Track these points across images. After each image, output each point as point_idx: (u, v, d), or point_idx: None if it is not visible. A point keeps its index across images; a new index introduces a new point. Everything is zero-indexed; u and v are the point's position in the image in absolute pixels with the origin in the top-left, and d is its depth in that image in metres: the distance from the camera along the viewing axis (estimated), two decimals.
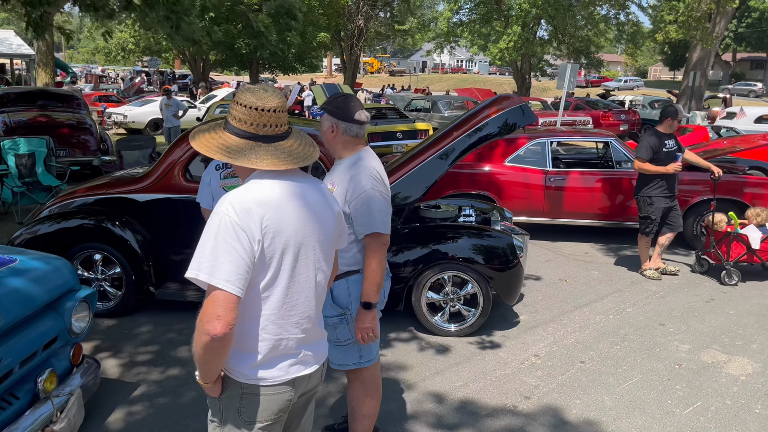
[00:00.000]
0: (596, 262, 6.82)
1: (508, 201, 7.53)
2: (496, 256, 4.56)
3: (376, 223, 2.60)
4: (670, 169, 5.89)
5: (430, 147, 4.89)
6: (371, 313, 2.67)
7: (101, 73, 52.24)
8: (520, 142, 7.66)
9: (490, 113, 4.83)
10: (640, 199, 6.10)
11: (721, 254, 6.13)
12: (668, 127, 6.06)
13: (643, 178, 6.06)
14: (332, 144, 2.74)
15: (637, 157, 6.01)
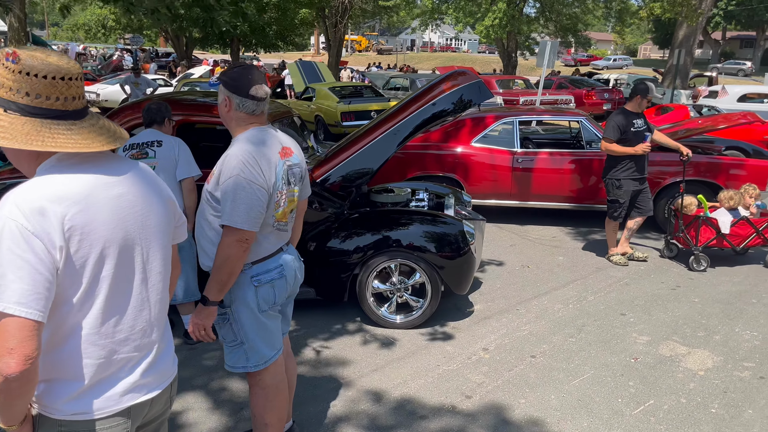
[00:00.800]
0: (563, 247, 6.56)
1: (475, 183, 7.24)
2: (445, 244, 4.28)
3: (235, 215, 2.28)
4: (639, 150, 5.61)
5: (380, 125, 4.59)
6: (207, 310, 2.39)
7: (82, 50, 51.23)
8: (487, 121, 7.35)
9: (444, 89, 4.53)
10: (608, 182, 5.83)
11: (689, 239, 5.88)
12: (637, 105, 5.76)
13: (611, 159, 5.78)
14: (226, 120, 2.45)
15: (604, 137, 5.73)
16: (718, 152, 7.60)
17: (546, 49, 13.44)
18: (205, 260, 2.47)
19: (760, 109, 14.41)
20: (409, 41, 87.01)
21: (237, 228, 2.30)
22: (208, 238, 2.42)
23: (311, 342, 4.21)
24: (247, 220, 2.30)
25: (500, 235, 6.99)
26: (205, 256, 2.46)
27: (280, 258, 2.55)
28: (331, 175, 4.47)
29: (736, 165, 6.79)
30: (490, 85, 18.21)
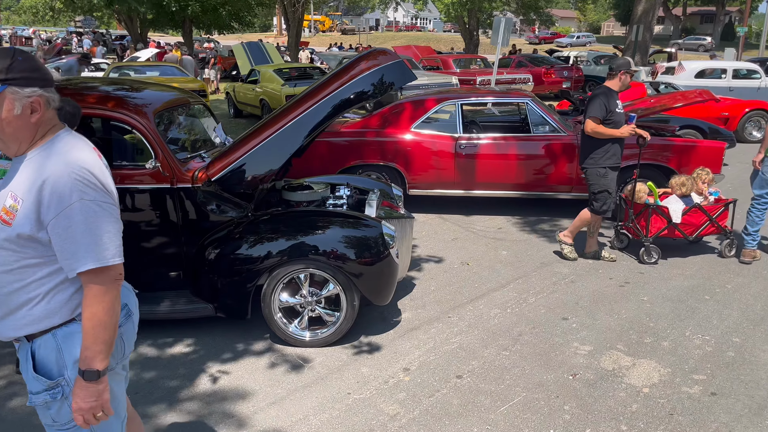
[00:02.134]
0: (508, 240, 6.09)
1: (417, 172, 6.72)
2: (361, 249, 3.74)
3: (96, 251, 1.71)
4: (626, 133, 5.01)
5: (288, 113, 4.01)
6: (96, 386, 1.77)
7: (32, 35, 49.09)
8: (427, 105, 6.81)
9: (363, 69, 3.98)
10: (592, 171, 5.14)
11: (639, 229, 5.46)
12: (620, 83, 5.13)
13: (593, 144, 5.08)
14: (21, 130, 1.78)
15: (590, 116, 4.99)
16: (672, 133, 7.20)
17: (500, 25, 12.91)
18: (24, 327, 1.85)
19: (718, 84, 14.17)
20: (373, 21, 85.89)
21: (107, 265, 1.74)
22: (32, 296, 1.81)
23: (208, 367, 3.65)
24: (117, 250, 1.77)
25: (443, 228, 6.49)
26: (23, 321, 1.84)
27: (121, 293, 1.93)
28: (227, 174, 3.88)
29: (689, 147, 6.39)
30: (447, 64, 17.67)
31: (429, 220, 6.78)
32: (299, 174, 6.71)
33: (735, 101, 12.01)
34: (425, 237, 6.20)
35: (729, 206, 5.47)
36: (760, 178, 5.34)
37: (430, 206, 7.22)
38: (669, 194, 5.61)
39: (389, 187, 5.03)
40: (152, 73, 11.70)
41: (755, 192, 5.41)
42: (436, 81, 14.08)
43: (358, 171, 6.82)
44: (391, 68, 4.04)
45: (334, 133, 6.88)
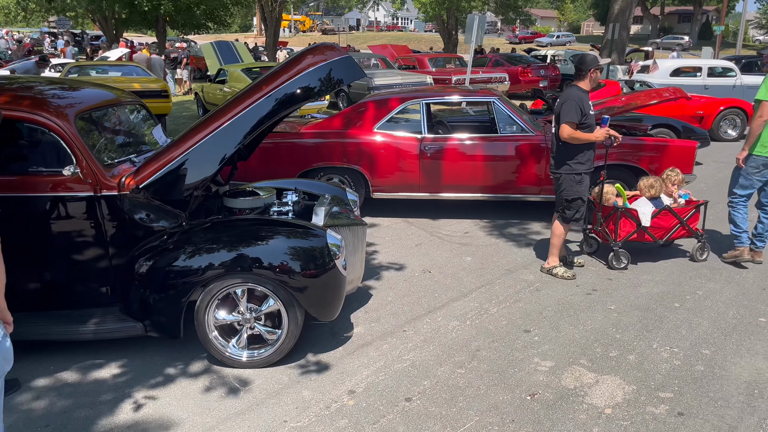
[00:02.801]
0: (474, 245, 5.83)
1: (381, 175, 6.44)
2: (303, 261, 3.45)
3: None
4: (600, 137, 4.67)
5: (226, 111, 3.71)
6: None
7: (4, 35, 48.09)
8: (391, 104, 6.52)
9: (309, 64, 3.70)
10: (566, 178, 4.79)
11: (608, 233, 5.23)
12: (591, 81, 4.76)
13: (568, 149, 4.73)
14: None
15: (567, 121, 4.61)
16: (644, 132, 7.00)
17: (474, 24, 12.67)
18: None
19: (693, 83, 14.07)
20: (354, 21, 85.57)
21: None
22: None
23: (134, 392, 3.33)
24: None
25: (407, 233, 6.21)
26: None
27: None
28: (157, 180, 3.57)
29: (660, 147, 6.18)
30: (422, 63, 17.42)
31: (394, 225, 6.51)
32: (257, 177, 6.41)
33: (710, 99, 11.89)
34: (388, 242, 5.92)
35: (700, 208, 5.25)
36: (742, 177, 5.11)
37: (396, 210, 6.94)
38: (638, 197, 5.39)
39: (343, 191, 4.74)
40: (114, 73, 11.30)
41: (737, 192, 5.17)
42: (409, 80, 13.84)
43: (320, 174, 6.54)
44: (339, 64, 3.78)
45: (294, 134, 6.58)
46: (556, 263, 5.06)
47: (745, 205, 5.23)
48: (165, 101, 10.02)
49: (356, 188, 6.53)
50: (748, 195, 5.19)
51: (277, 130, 6.75)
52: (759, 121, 4.91)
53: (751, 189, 5.15)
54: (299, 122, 7.11)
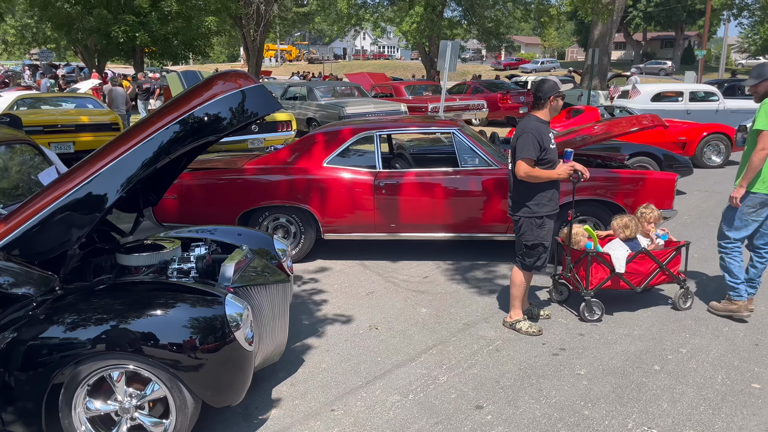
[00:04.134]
0: (432, 293, 5.20)
1: (333, 214, 5.82)
2: (192, 334, 2.80)
3: None
4: (564, 174, 4.10)
5: (111, 150, 3.10)
6: None
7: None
8: (342, 136, 5.94)
9: (213, 95, 3.12)
10: (526, 222, 4.18)
11: (579, 280, 4.62)
12: (553, 109, 4.16)
13: (527, 189, 4.13)
14: None
15: (523, 157, 4.00)
16: (620, 163, 6.44)
17: (447, 51, 12.25)
18: None
19: (675, 108, 13.67)
20: (340, 50, 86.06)
21: None
22: None
23: None
24: None
25: (361, 279, 5.58)
26: None
27: None
28: (19, 238, 2.94)
29: (637, 179, 5.61)
30: (399, 91, 16.98)
31: (347, 269, 5.87)
32: (195, 219, 5.81)
33: (692, 125, 11.43)
34: (337, 291, 5.28)
35: (681, 250, 4.67)
36: (737, 218, 4.50)
37: (352, 251, 6.32)
38: (612, 238, 4.80)
39: (270, 239, 4.10)
40: (68, 105, 10.72)
41: (731, 235, 4.53)
42: (383, 109, 13.34)
43: (264, 214, 5.92)
44: (253, 93, 3.20)
45: (236, 170, 5.97)
46: (519, 316, 4.42)
47: (741, 251, 4.60)
48: (114, 135, 9.41)
49: (305, 229, 5.91)
50: (743, 238, 4.59)
51: (218, 166, 6.16)
52: (761, 155, 4.31)
53: (746, 231, 4.52)
54: (246, 157, 6.51)
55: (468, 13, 33.08)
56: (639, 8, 55.80)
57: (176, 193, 5.89)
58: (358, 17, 30.17)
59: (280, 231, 6.00)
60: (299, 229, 5.93)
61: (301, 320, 4.66)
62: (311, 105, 14.03)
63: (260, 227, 5.94)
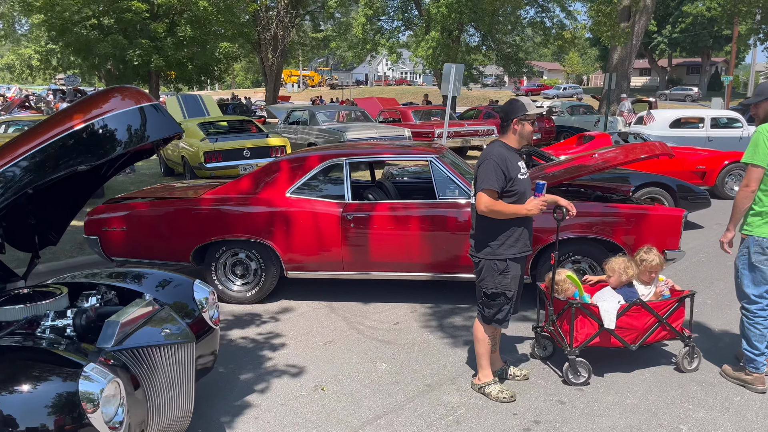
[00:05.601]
0: (398, 343, 4.55)
1: (295, 250, 5.24)
2: (40, 421, 2.21)
3: None
4: (534, 209, 3.46)
5: None
6: None
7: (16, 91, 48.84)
8: (309, 163, 5.37)
9: (98, 114, 2.59)
10: (487, 265, 3.54)
11: (562, 335, 3.93)
12: (522, 135, 3.54)
13: (491, 226, 3.50)
14: None
15: (484, 189, 3.40)
16: (623, 195, 5.76)
17: (451, 73, 11.71)
18: None
19: (695, 134, 12.90)
20: (363, 76, 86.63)
21: None
22: None
23: None
24: None
25: (323, 324, 4.95)
26: None
27: None
28: None
29: (638, 215, 4.92)
30: (406, 116, 16.46)
31: (311, 311, 5.26)
32: (141, 253, 5.29)
33: (713, 153, 10.65)
34: (293, 338, 4.66)
35: (685, 301, 3.96)
36: (747, 270, 3.75)
37: (321, 290, 5.71)
38: (605, 284, 4.12)
39: (190, 284, 3.51)
40: None
41: (751, 294, 3.76)
42: (384, 134, 12.81)
43: (221, 249, 5.35)
44: (150, 112, 2.67)
45: (192, 200, 5.43)
46: (488, 378, 3.74)
47: (765, 317, 3.76)
48: None
49: (266, 266, 5.33)
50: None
51: (174, 195, 5.63)
52: (744, 193, 3.66)
53: (766, 284, 3.73)
54: (210, 185, 5.97)
55: (486, 39, 32.74)
56: (664, 34, 55.02)
57: (124, 224, 5.37)
58: (374, 42, 29.92)
59: (239, 268, 5.43)
60: (260, 266, 5.35)
61: (241, 373, 4.04)
62: (313, 130, 13.57)
63: (217, 264, 5.37)
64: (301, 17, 37.89)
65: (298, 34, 37.82)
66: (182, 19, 26.43)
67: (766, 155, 3.61)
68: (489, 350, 3.73)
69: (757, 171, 3.62)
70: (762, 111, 3.81)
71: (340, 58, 70.26)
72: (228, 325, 4.94)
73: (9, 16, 33.06)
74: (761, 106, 3.80)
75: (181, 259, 5.41)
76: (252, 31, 30.43)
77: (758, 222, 3.72)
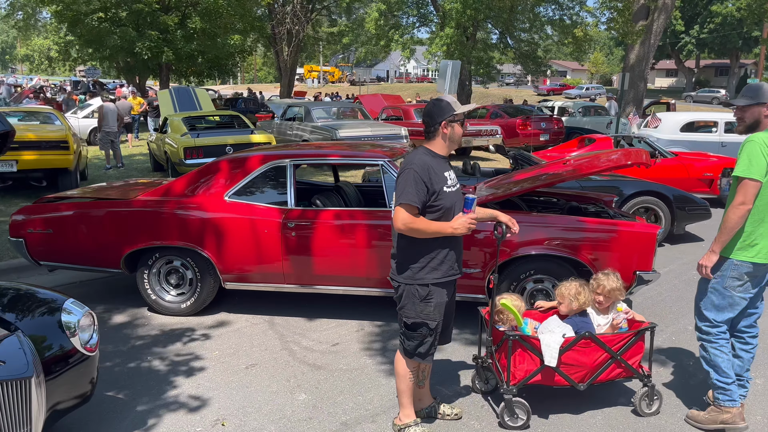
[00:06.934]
0: (329, 368, 4.08)
1: (233, 260, 4.80)
2: None
3: None
4: (460, 228, 2.95)
5: None
6: None
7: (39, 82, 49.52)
8: (249, 165, 4.92)
9: None
10: (407, 290, 3.04)
11: (500, 370, 3.42)
12: (450, 140, 3.06)
13: (411, 245, 3.01)
14: None
15: (402, 203, 2.91)
16: (603, 206, 5.20)
17: (447, 71, 11.19)
18: None
19: (707, 139, 12.20)
20: (384, 72, 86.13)
21: None
22: None
23: None
24: None
25: (254, 343, 4.50)
26: None
27: None
28: None
29: (606, 232, 4.37)
30: (408, 114, 15.94)
31: (249, 327, 4.81)
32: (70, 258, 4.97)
33: (721, 159, 9.96)
34: (215, 359, 4.22)
35: (644, 335, 3.43)
36: (719, 293, 3.29)
37: (265, 303, 5.27)
38: (557, 311, 3.61)
39: (59, 303, 3.06)
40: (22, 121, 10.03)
41: (712, 317, 3.33)
42: (379, 133, 12.33)
43: (154, 256, 4.93)
44: None
45: (121, 202, 5.02)
46: (410, 418, 3.25)
47: (728, 339, 3.36)
48: (63, 153, 8.64)
49: (202, 276, 4.89)
50: (730, 321, 3.35)
51: (110, 196, 5.23)
52: (739, 211, 3.13)
53: (733, 311, 3.30)
54: (150, 185, 5.55)
55: (504, 36, 32.03)
56: (692, 34, 53.56)
57: (50, 226, 4.98)
58: (388, 38, 29.40)
59: (175, 276, 5.01)
60: (196, 275, 4.92)
61: (140, 401, 3.61)
62: (307, 126, 13.14)
63: (150, 272, 4.96)
64: (318, 12, 37.58)
65: (314, 29, 37.49)
66: (194, 12, 26.20)
67: (762, 168, 3.09)
68: (411, 387, 3.23)
69: (754, 185, 3.10)
70: (750, 116, 3.27)
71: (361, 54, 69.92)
72: (150, 342, 4.51)
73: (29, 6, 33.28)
74: (751, 110, 3.26)
75: (112, 265, 5.00)
76: (265, 25, 30.15)
77: (739, 244, 3.20)
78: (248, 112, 23.47)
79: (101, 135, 12.68)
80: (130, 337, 4.59)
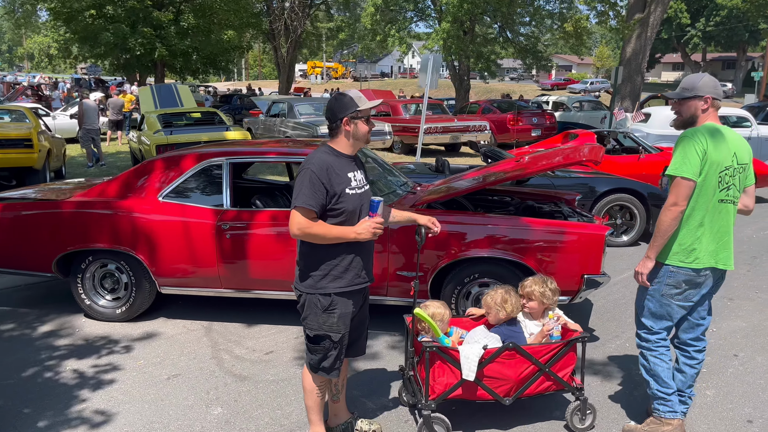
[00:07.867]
0: (254, 380, 3.86)
1: (166, 263, 4.58)
2: None
3: None
4: (364, 233, 2.75)
5: None
6: None
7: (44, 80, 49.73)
8: (184, 164, 4.69)
9: None
10: (309, 300, 2.83)
11: (420, 383, 3.18)
12: (355, 137, 2.82)
13: (312, 251, 2.80)
14: None
15: (297, 206, 2.69)
16: (562, 206, 4.94)
17: (428, 65, 10.91)
18: None
19: None
20: (388, 68, 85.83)
21: None
22: None
23: None
24: None
25: (184, 352, 4.28)
26: None
27: None
28: None
29: (553, 231, 4.12)
30: (396, 110, 15.68)
31: (183, 334, 4.59)
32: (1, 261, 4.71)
33: None
34: (137, 370, 4.00)
35: (575, 345, 3.18)
36: (656, 300, 3.07)
37: (205, 308, 5.05)
38: (485, 321, 3.36)
39: None
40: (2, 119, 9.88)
41: (650, 324, 3.12)
42: None
43: (87, 259, 4.72)
44: None
45: (52, 203, 4.81)
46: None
47: (668, 347, 3.15)
48: (26, 152, 8.46)
49: (137, 280, 4.68)
50: (669, 329, 3.12)
51: (47, 197, 5.01)
52: (671, 213, 2.89)
53: (669, 320, 3.09)
54: (89, 185, 5.33)
55: (503, 31, 31.65)
56: (698, 27, 52.89)
57: None
58: (384, 33, 29.09)
59: (110, 281, 4.80)
60: (131, 280, 4.70)
61: (43, 416, 3.39)
62: (290, 123, 12.92)
63: (83, 276, 4.74)
64: (316, 7, 37.32)
65: (313, 24, 37.22)
66: (187, 8, 26.01)
67: (696, 166, 2.84)
68: (320, 402, 3.00)
69: (687, 185, 2.85)
70: (687, 110, 3.03)
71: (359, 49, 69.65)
72: (73, 350, 4.30)
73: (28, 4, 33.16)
74: (688, 104, 3.01)
75: (44, 269, 4.80)
76: (262, 21, 29.91)
77: (675, 248, 2.95)
78: (243, 109, 23.31)
79: (82, 132, 12.53)
80: (54, 345, 4.38)
